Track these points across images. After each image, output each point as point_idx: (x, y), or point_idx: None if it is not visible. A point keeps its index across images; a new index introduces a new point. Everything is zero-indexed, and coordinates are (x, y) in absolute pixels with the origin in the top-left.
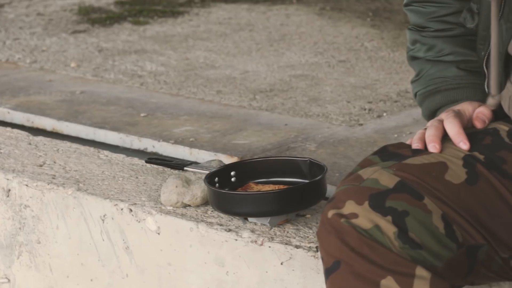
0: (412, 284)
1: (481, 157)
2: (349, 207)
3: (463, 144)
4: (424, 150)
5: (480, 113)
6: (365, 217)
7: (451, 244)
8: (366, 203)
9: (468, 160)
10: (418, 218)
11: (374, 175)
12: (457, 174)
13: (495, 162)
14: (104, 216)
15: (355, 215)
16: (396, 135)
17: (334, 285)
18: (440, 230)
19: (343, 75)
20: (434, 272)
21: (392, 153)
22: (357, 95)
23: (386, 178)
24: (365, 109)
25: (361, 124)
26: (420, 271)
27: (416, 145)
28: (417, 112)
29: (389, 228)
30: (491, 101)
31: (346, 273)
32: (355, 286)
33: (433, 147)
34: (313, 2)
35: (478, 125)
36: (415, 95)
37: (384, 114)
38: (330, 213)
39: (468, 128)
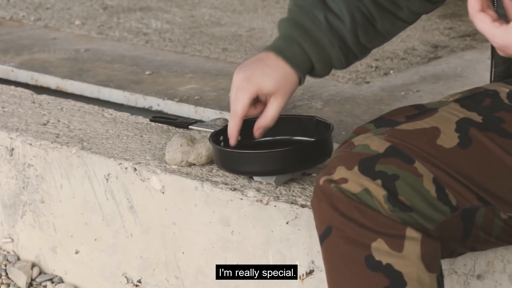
0: (403, 245)
1: (479, 118)
2: (339, 172)
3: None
4: (419, 116)
5: (261, 125)
6: (354, 181)
7: (444, 207)
8: (356, 167)
9: (461, 125)
10: (408, 181)
11: (366, 141)
12: (449, 138)
13: (493, 122)
14: (108, 175)
15: (345, 180)
16: (403, 93)
17: (327, 251)
18: (431, 193)
19: None
20: (425, 233)
21: (386, 120)
22: None
23: (377, 144)
24: (371, 67)
25: (368, 82)
26: (410, 232)
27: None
28: (424, 69)
29: (378, 191)
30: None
31: (337, 238)
32: (346, 250)
33: None
34: None
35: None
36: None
37: (391, 71)
38: (321, 180)
39: (468, 90)
